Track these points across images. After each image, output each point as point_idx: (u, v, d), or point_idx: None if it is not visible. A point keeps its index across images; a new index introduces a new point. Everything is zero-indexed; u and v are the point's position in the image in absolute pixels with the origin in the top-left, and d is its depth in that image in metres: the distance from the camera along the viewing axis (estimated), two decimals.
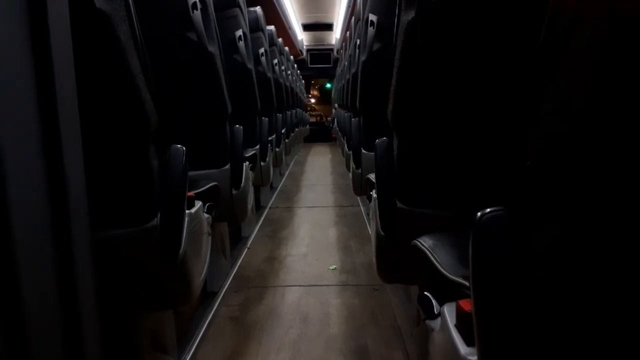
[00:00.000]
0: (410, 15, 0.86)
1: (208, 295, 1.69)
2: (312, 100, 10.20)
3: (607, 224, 0.38)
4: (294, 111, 4.95)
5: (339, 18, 6.51)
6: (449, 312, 0.67)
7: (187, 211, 1.04)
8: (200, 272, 1.13)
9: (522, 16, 0.79)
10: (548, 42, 0.43)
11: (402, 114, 0.99)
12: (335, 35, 7.80)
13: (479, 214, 0.52)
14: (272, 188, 3.72)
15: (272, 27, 3.52)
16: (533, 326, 0.45)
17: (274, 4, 4.59)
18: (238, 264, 2.06)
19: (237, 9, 2.01)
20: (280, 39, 4.13)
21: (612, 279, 0.39)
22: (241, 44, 2.02)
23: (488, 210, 0.53)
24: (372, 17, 1.63)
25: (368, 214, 2.71)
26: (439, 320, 0.70)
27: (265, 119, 2.59)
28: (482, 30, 0.85)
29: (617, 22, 0.35)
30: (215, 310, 1.60)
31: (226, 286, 1.81)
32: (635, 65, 0.34)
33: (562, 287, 0.43)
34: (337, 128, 4.85)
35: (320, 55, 8.97)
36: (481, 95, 0.90)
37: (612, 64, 0.36)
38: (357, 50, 2.05)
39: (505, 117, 0.86)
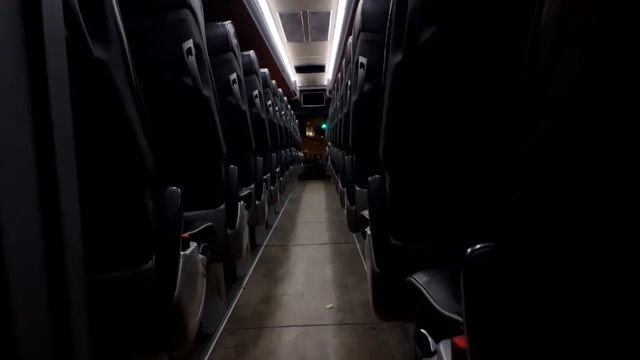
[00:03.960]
0: (397, 57, 0.90)
1: (203, 338, 1.65)
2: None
3: (601, 260, 0.39)
4: (288, 150, 4.99)
5: (330, 60, 6.67)
6: (444, 350, 0.67)
7: (182, 253, 1.04)
8: (195, 315, 1.12)
9: (507, 55, 0.82)
10: (532, 79, 0.45)
11: (392, 152, 1.01)
12: (327, 77, 7.96)
13: (469, 250, 0.53)
14: (268, 226, 3.71)
15: (265, 70, 3.60)
16: None
17: (267, 47, 4.72)
18: (234, 304, 2.03)
19: (231, 54, 2.07)
20: (273, 81, 4.21)
21: (609, 316, 0.40)
22: (235, 87, 2.07)
23: (478, 246, 0.53)
24: (362, 60, 1.68)
25: (363, 251, 2.70)
26: (435, 358, 0.70)
27: (259, 159, 2.61)
28: (468, 70, 0.88)
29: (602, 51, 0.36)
30: (211, 353, 1.57)
31: (222, 328, 1.78)
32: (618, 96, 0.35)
33: (555, 322, 0.44)
34: (331, 166, 4.89)
35: (313, 95, 9.12)
36: (469, 133, 0.93)
37: (595, 95, 0.37)
38: (349, 91, 2.10)
39: (494, 154, 0.88)
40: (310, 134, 10.39)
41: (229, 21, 2.08)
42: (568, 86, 0.39)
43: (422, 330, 0.75)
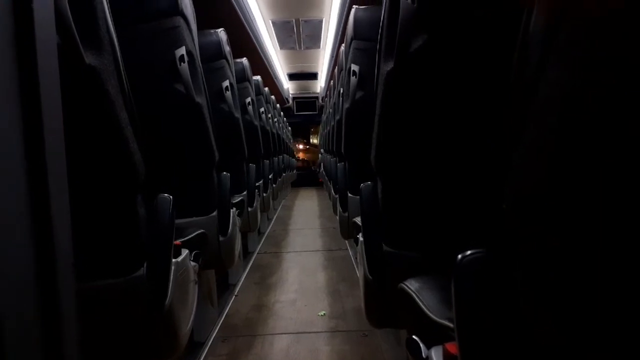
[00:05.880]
0: (389, 65, 0.90)
1: (195, 346, 1.64)
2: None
3: (588, 259, 0.39)
4: (280, 157, 5.00)
5: (323, 68, 6.69)
6: (436, 356, 0.67)
7: (173, 260, 1.03)
8: (187, 322, 1.11)
9: (497, 63, 0.83)
10: (519, 88, 0.45)
11: (384, 159, 1.02)
12: (319, 84, 7.98)
13: (459, 256, 0.53)
14: (260, 233, 3.70)
15: (258, 77, 3.61)
16: None
17: (260, 55, 4.73)
18: (225, 312, 2.02)
19: (224, 61, 2.07)
20: (266, 88, 4.22)
21: (597, 320, 0.40)
22: (228, 94, 2.07)
23: (468, 252, 0.54)
24: (354, 67, 1.69)
25: (356, 258, 2.69)
26: None
27: (252, 166, 2.61)
28: (458, 78, 0.89)
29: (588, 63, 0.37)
30: None
31: (213, 335, 1.76)
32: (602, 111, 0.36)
33: (544, 327, 0.44)
34: (324, 172, 4.89)
35: (306, 102, 9.14)
36: (460, 139, 0.93)
37: (580, 105, 0.38)
38: (341, 98, 2.11)
39: (485, 160, 0.89)
40: (315, 141, 10.28)
41: (221, 29, 2.09)
42: (554, 96, 0.40)
43: (413, 336, 0.75)
